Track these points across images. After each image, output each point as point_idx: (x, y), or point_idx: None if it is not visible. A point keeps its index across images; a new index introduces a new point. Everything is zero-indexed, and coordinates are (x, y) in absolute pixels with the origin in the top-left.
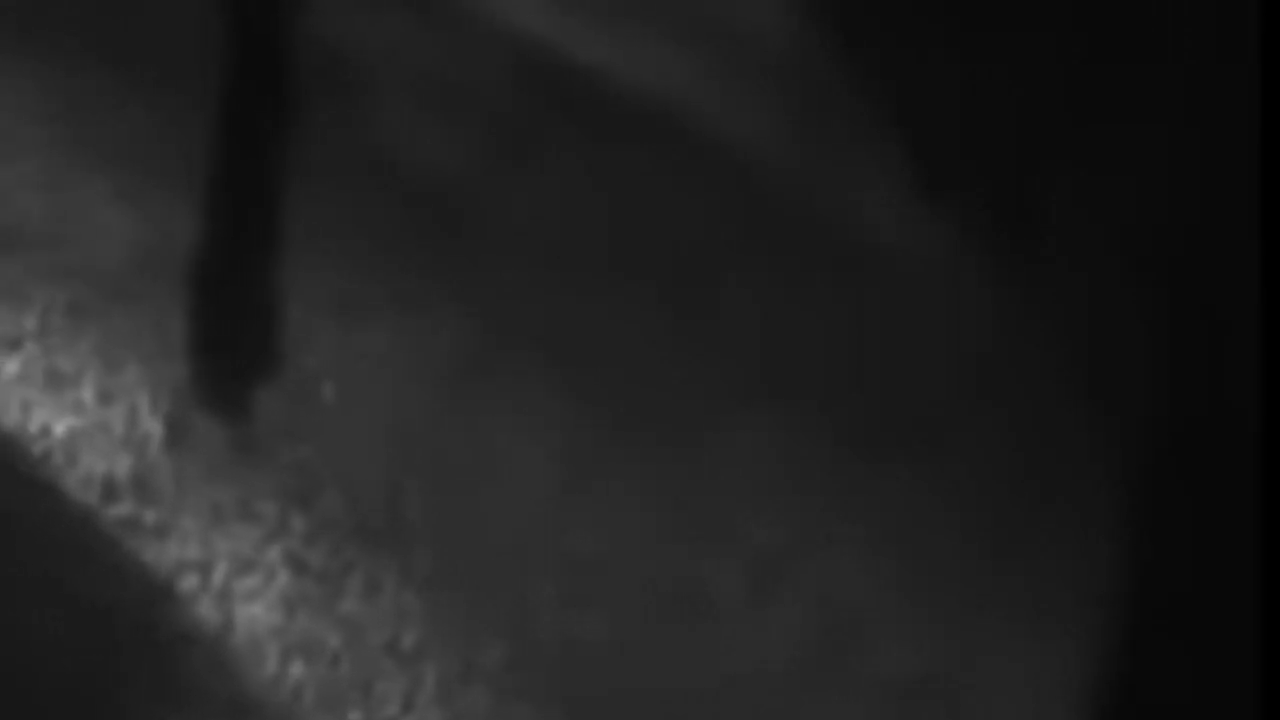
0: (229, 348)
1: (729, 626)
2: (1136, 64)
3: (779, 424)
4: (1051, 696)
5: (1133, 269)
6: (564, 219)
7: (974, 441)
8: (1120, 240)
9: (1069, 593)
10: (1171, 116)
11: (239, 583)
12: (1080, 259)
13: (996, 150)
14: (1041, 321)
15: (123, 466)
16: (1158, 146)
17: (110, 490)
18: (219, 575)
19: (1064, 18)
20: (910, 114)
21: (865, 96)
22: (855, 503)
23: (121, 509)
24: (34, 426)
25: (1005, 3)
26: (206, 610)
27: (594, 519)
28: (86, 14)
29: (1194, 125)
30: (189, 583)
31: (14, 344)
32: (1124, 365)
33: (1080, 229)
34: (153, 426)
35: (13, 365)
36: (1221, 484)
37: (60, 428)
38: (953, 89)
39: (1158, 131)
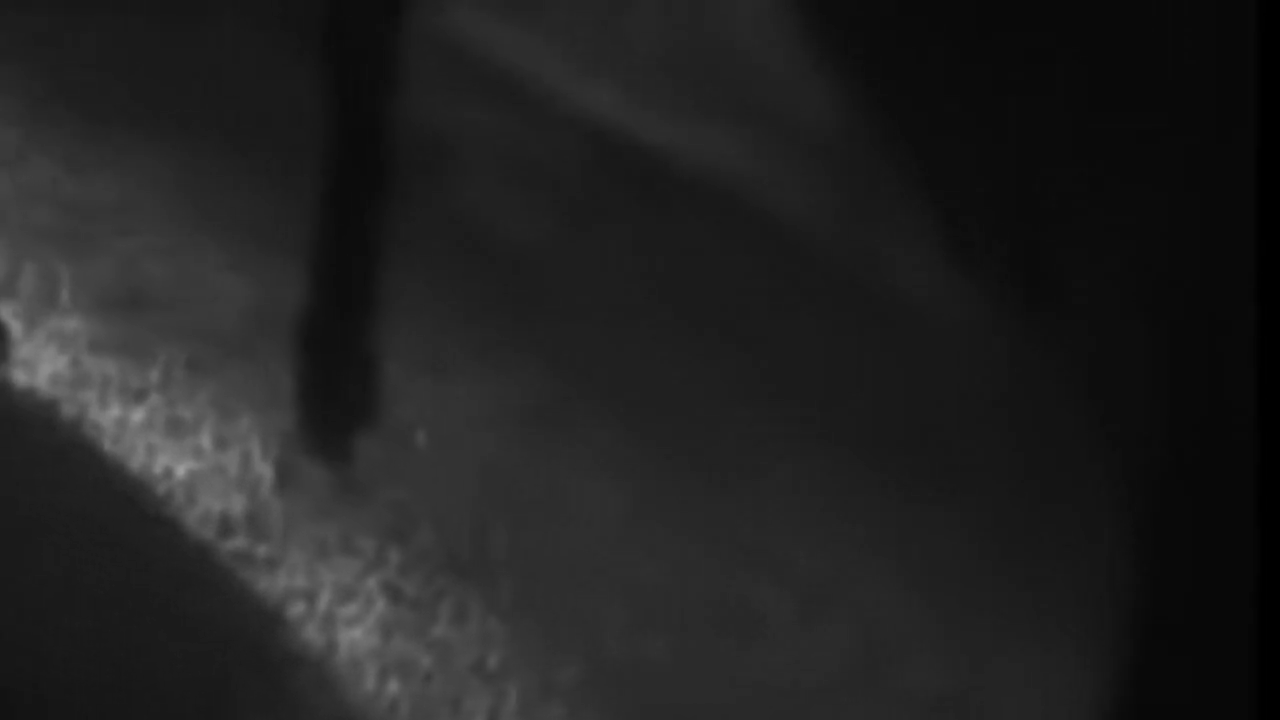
0: (332, 399)
1: (779, 645)
2: (1140, 142)
3: (822, 463)
4: (1067, 707)
5: (1137, 313)
6: (630, 282)
7: (996, 477)
8: (1125, 289)
9: (1084, 612)
10: (1173, 184)
11: (341, 609)
12: (1095, 312)
13: (1013, 214)
14: (1055, 369)
15: (237, 505)
16: (1159, 209)
17: (226, 526)
18: (323, 603)
19: (1078, 103)
20: (939, 187)
21: (899, 173)
22: (890, 533)
23: (236, 543)
24: (158, 469)
25: (1026, 88)
26: (312, 634)
27: (658, 550)
28: (205, 99)
29: (1193, 191)
30: (297, 609)
31: (140, 395)
32: (1130, 408)
33: (1088, 281)
34: (264, 469)
35: (139, 414)
36: (1221, 510)
37: (181, 470)
38: (978, 164)
39: (1160, 196)
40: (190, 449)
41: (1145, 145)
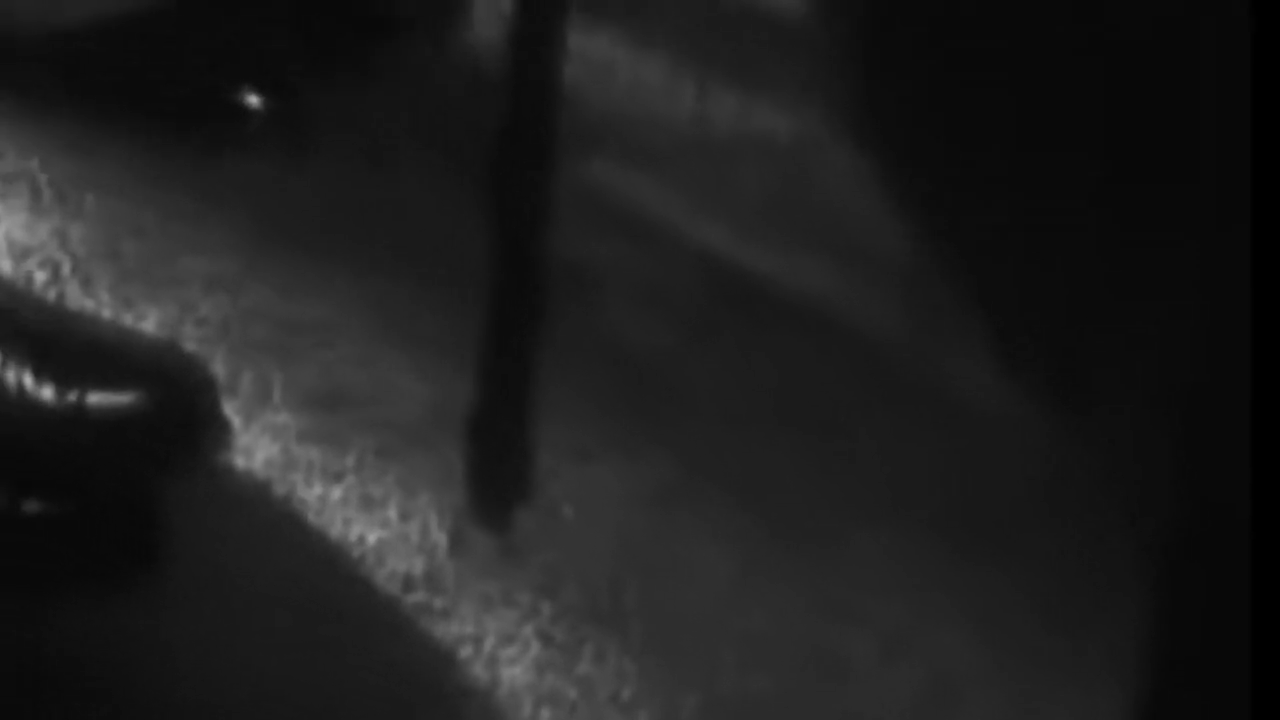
0: (495, 480)
1: (862, 684)
2: (1159, 274)
3: (897, 533)
4: None
5: (1156, 414)
6: (739, 386)
7: (1041, 546)
8: (1147, 394)
9: (1114, 659)
10: (1186, 308)
11: (503, 652)
12: (1119, 410)
13: (1054, 331)
14: (1088, 459)
15: (418, 566)
16: (1180, 328)
17: (409, 584)
18: (488, 646)
19: (1108, 229)
20: (992, 308)
21: (959, 297)
22: (955, 590)
23: (417, 597)
24: (353, 537)
25: (1066, 227)
26: (479, 672)
27: (762, 603)
28: (393, 235)
29: (1205, 310)
30: (466, 651)
31: (338, 477)
32: (1149, 492)
33: (1117, 387)
34: (439, 537)
35: (337, 492)
36: (1225, 585)
37: (372, 538)
38: (1025, 290)
39: (1180, 319)
40: (379, 520)
41: (1164, 278)
